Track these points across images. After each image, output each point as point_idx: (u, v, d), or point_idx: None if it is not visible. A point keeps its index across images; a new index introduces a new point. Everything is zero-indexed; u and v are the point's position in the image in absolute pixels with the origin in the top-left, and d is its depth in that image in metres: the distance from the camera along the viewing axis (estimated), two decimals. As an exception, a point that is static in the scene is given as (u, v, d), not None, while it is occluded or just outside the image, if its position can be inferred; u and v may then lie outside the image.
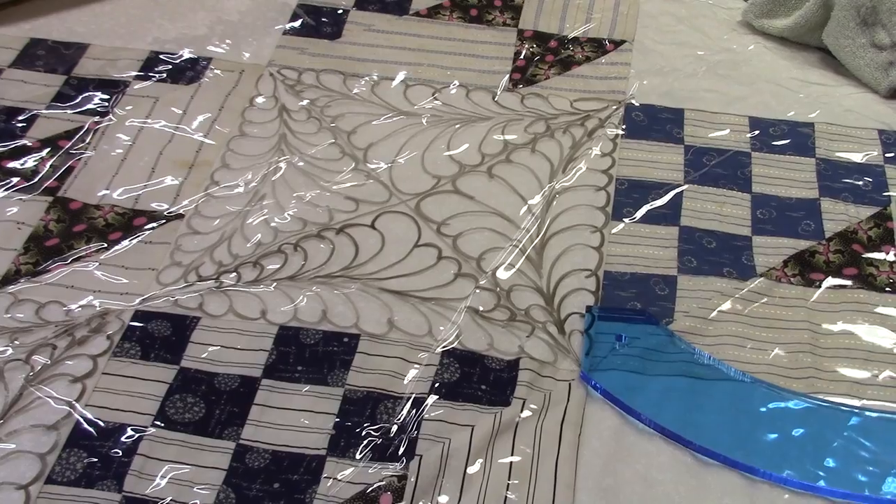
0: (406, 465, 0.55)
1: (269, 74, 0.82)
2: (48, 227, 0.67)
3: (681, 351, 0.62)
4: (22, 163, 0.72)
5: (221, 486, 0.54)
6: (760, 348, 0.62)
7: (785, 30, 0.87)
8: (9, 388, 0.57)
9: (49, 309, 0.62)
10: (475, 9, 0.90)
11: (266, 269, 0.65)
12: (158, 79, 0.80)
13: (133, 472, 0.54)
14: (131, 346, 0.60)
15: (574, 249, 0.68)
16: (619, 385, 0.59)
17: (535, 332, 0.63)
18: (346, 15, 0.89)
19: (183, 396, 0.58)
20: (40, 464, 0.54)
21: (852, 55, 0.83)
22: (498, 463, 0.55)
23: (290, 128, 0.77)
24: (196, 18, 0.87)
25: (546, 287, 0.66)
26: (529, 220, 0.70)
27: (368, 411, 0.58)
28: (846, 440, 0.57)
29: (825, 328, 0.63)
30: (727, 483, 0.55)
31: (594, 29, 0.88)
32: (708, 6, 0.93)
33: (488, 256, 0.67)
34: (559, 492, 0.54)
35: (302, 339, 0.61)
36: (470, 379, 0.60)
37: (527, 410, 0.58)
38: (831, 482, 0.55)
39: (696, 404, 0.59)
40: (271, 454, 0.56)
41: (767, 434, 0.57)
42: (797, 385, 0.60)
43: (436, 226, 0.69)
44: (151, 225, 0.68)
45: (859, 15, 0.81)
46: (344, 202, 0.71)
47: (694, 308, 0.64)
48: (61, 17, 0.86)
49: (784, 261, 0.67)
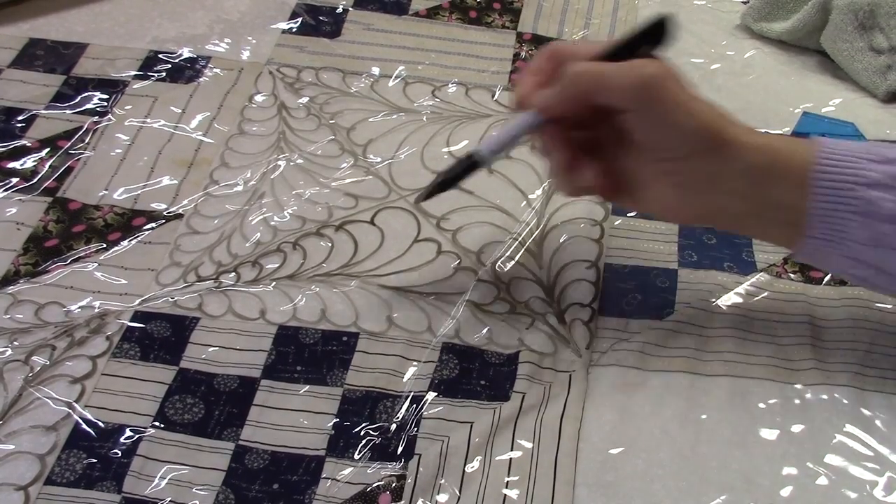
0: (405, 465, 0.55)
1: (269, 73, 0.81)
2: (47, 228, 0.67)
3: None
4: (21, 163, 0.72)
5: (221, 487, 0.54)
6: (760, 341, 0.62)
7: (783, 33, 0.87)
8: (8, 389, 0.57)
9: (48, 310, 0.62)
10: (474, 10, 0.90)
11: (265, 268, 0.65)
12: (157, 78, 0.80)
13: (132, 473, 0.54)
14: (130, 346, 0.60)
15: (574, 241, 0.68)
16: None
17: (535, 323, 0.63)
18: (345, 14, 0.88)
19: (182, 397, 0.58)
20: (40, 465, 0.54)
21: (850, 59, 0.82)
22: (497, 459, 0.55)
23: (290, 125, 0.77)
24: (195, 17, 0.87)
25: (546, 278, 0.66)
26: (529, 214, 0.70)
27: (367, 411, 0.58)
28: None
29: (826, 322, 0.63)
30: (727, 479, 0.55)
31: (592, 34, 0.88)
32: (706, 9, 0.92)
33: (488, 250, 0.67)
34: (559, 488, 0.54)
35: (301, 339, 0.61)
36: (469, 375, 0.60)
37: (526, 404, 0.58)
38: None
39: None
40: (270, 455, 0.56)
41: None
42: (798, 378, 0.60)
43: (435, 220, 0.69)
44: (151, 225, 0.68)
45: (857, 19, 0.81)
46: (343, 198, 0.71)
47: (695, 300, 0.64)
48: (60, 16, 0.86)
49: (784, 258, 0.67)
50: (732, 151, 0.52)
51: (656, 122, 0.52)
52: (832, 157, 0.52)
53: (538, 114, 0.56)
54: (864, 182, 0.51)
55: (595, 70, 0.52)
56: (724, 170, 0.53)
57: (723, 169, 0.53)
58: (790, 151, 0.53)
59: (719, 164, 0.53)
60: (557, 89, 0.54)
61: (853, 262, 0.53)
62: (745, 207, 0.54)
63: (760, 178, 0.53)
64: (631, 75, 0.51)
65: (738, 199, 0.54)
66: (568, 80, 0.53)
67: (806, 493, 0.54)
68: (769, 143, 0.53)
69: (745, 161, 0.53)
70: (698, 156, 0.53)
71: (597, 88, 0.52)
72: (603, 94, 0.53)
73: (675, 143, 0.53)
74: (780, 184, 0.53)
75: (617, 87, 0.52)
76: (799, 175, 0.52)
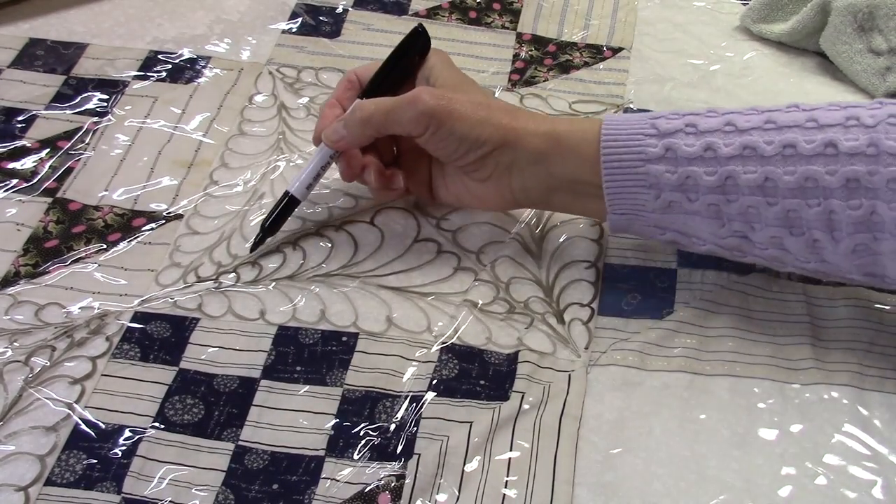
0: (404, 464, 0.55)
1: (269, 73, 0.81)
2: (47, 229, 0.67)
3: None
4: (21, 164, 0.72)
5: (220, 488, 0.54)
6: (760, 340, 0.62)
7: (783, 35, 0.87)
8: (8, 389, 0.58)
9: (48, 311, 0.62)
10: (474, 11, 0.90)
11: (265, 268, 0.65)
12: (157, 78, 0.80)
13: (132, 474, 0.54)
14: (130, 347, 0.60)
15: (573, 241, 0.68)
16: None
17: (535, 323, 0.63)
18: (345, 14, 0.89)
19: (182, 398, 0.58)
20: (40, 465, 0.54)
21: (849, 60, 0.82)
22: (496, 459, 0.55)
23: (290, 126, 0.77)
24: (195, 18, 0.87)
25: (545, 278, 0.66)
26: (529, 214, 0.70)
27: (367, 411, 0.58)
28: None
29: (826, 322, 0.63)
30: (726, 479, 0.55)
31: (592, 35, 0.88)
32: (706, 11, 0.92)
33: (488, 250, 0.67)
34: (558, 487, 0.54)
35: (301, 339, 0.61)
36: (468, 374, 0.60)
37: (525, 404, 0.58)
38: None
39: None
40: (270, 455, 0.56)
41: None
42: (797, 377, 0.60)
43: (435, 220, 0.69)
44: (150, 226, 0.68)
45: (856, 20, 0.81)
46: (343, 199, 0.71)
47: (694, 300, 0.64)
48: (60, 16, 0.86)
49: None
50: (521, 142, 0.60)
51: (446, 141, 0.60)
52: (615, 136, 0.58)
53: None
54: (646, 158, 0.57)
55: (381, 110, 0.61)
56: (518, 157, 0.61)
57: (516, 157, 0.61)
58: (576, 133, 0.60)
59: (512, 154, 0.60)
60: (348, 130, 0.63)
61: (658, 230, 0.60)
62: (547, 186, 0.61)
63: (549, 161, 0.60)
64: (413, 110, 0.59)
65: (537, 181, 0.61)
66: (358, 122, 0.62)
67: (805, 493, 0.54)
68: (553, 129, 0.60)
69: (532, 148, 0.60)
70: (493, 154, 0.61)
71: (386, 125, 0.61)
72: (393, 129, 0.61)
73: (468, 151, 0.61)
74: (570, 164, 0.60)
75: (404, 121, 0.60)
76: (589, 155, 0.59)
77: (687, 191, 0.56)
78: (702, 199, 0.56)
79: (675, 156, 0.56)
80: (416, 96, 0.59)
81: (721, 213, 0.56)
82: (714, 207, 0.56)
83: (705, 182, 0.56)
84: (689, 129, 0.57)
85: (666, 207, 0.57)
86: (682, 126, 0.57)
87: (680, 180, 0.56)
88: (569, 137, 0.59)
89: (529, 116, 0.61)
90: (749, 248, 0.58)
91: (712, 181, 0.55)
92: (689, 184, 0.56)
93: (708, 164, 0.56)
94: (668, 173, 0.56)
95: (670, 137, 0.57)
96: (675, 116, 0.58)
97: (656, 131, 0.57)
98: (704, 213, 0.57)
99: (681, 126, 0.57)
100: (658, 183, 0.57)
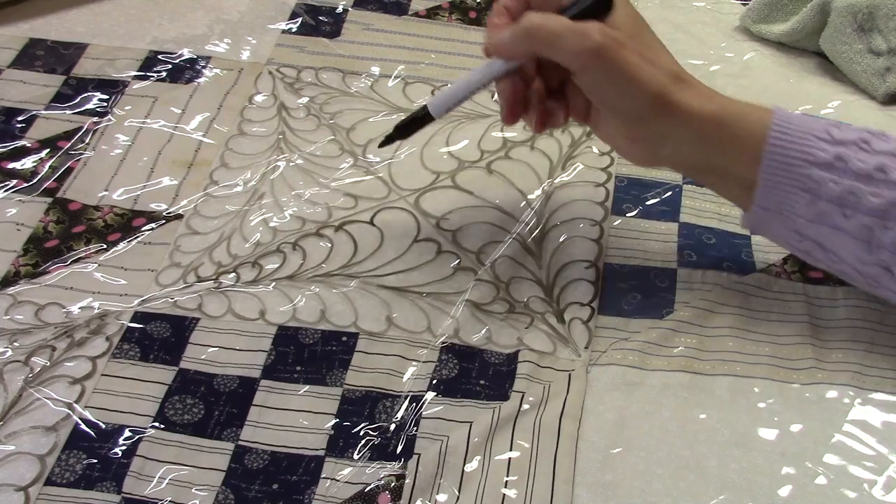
0: (404, 464, 0.55)
1: (269, 73, 0.81)
2: (47, 229, 0.67)
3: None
4: (21, 164, 0.72)
5: (220, 488, 0.54)
6: (760, 340, 0.62)
7: (782, 35, 0.87)
8: (8, 389, 0.58)
9: (48, 311, 0.62)
10: (474, 11, 0.90)
11: (265, 268, 0.65)
12: (157, 78, 0.80)
13: (132, 474, 0.54)
14: (130, 347, 0.60)
15: (573, 241, 0.68)
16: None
17: (535, 323, 0.63)
18: (345, 14, 0.89)
19: (182, 398, 0.58)
20: (40, 465, 0.54)
21: (849, 61, 0.82)
22: (496, 459, 0.55)
23: (290, 126, 0.77)
24: (195, 18, 0.87)
25: (545, 278, 0.66)
26: (529, 214, 0.70)
27: (367, 411, 0.58)
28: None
29: (826, 322, 0.63)
30: (727, 478, 0.55)
31: None
32: (706, 11, 0.92)
33: (487, 250, 0.67)
34: (558, 487, 0.54)
35: (301, 339, 0.61)
36: (468, 374, 0.60)
37: (525, 404, 0.58)
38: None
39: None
40: (270, 455, 0.56)
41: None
42: (797, 377, 0.60)
43: (435, 220, 0.69)
44: (150, 226, 0.68)
45: (856, 21, 0.81)
46: (343, 199, 0.71)
47: (694, 300, 0.64)
48: (60, 16, 0.86)
49: (784, 258, 0.67)
50: (681, 118, 0.55)
51: (602, 87, 0.55)
52: (785, 132, 0.54)
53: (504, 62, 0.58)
54: (813, 161, 0.54)
55: (549, 28, 0.54)
56: (673, 132, 0.56)
57: (671, 131, 0.56)
58: (742, 122, 0.55)
59: (668, 127, 0.55)
60: (511, 37, 0.56)
61: (797, 236, 0.56)
62: (697, 166, 0.58)
63: (709, 147, 0.56)
64: (581, 42, 0.53)
65: (689, 159, 0.58)
66: (523, 33, 0.55)
67: (805, 493, 0.54)
68: (719, 113, 0.55)
69: (692, 129, 0.55)
70: (646, 119, 0.55)
71: (548, 48, 0.55)
72: (554, 55, 0.55)
73: (620, 107, 0.56)
74: (729, 154, 0.56)
75: (567, 50, 0.54)
76: (751, 146, 0.55)
77: (845, 206, 0.53)
78: (858, 218, 0.53)
79: (844, 167, 0.53)
80: (586, 31, 0.53)
81: (873, 238, 0.53)
82: (867, 231, 0.53)
83: (868, 203, 0.52)
84: (864, 145, 0.54)
85: (817, 216, 0.54)
86: (856, 139, 0.54)
87: (842, 193, 0.53)
88: (733, 128, 0.55)
89: (695, 90, 0.56)
90: (890, 282, 0.55)
91: (875, 204, 0.52)
92: (850, 200, 0.53)
93: (876, 185, 0.52)
94: (832, 183, 0.53)
95: (843, 147, 0.53)
96: (850, 129, 0.55)
97: (830, 137, 0.54)
98: (855, 233, 0.53)
99: (855, 139, 0.54)
100: (818, 189, 0.53)
